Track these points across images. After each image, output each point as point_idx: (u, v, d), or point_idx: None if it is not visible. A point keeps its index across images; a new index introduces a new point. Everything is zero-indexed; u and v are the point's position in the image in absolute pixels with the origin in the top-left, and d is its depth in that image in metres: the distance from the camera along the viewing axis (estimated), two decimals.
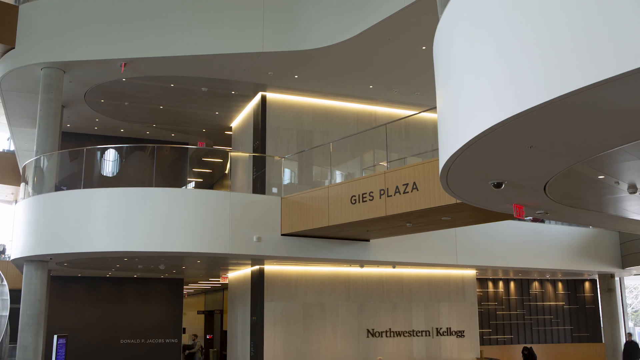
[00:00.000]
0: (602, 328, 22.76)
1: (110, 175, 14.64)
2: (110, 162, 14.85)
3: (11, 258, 14.50)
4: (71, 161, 15.01)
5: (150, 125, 19.68)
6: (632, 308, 36.19)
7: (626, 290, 25.71)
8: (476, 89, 5.43)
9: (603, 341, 21.99)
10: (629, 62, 3.68)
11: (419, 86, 16.37)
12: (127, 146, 15.74)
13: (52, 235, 13.25)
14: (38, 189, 14.14)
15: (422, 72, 14.96)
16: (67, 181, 14.25)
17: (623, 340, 22.58)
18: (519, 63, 4.75)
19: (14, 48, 14.59)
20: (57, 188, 14.01)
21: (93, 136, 19.98)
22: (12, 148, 22.97)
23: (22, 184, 15.08)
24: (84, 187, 13.92)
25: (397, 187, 11.34)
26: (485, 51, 5.26)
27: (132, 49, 14.26)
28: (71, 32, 14.55)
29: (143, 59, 14.34)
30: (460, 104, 5.86)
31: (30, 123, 17.75)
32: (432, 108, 8.58)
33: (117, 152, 14.85)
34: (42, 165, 14.26)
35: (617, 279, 22.90)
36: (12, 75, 14.92)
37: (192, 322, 35.47)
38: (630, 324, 25.75)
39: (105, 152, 14.83)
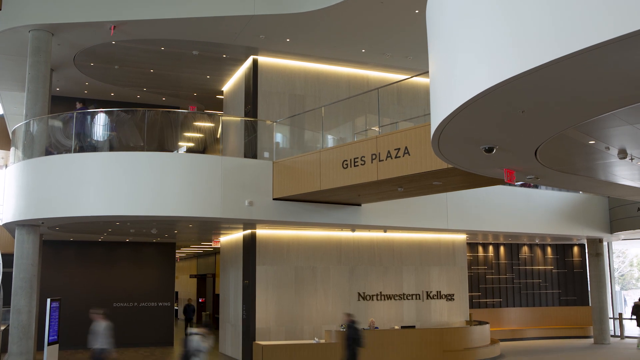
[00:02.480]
0: (589, 292, 23.11)
1: (100, 139, 14.54)
2: (101, 127, 14.72)
3: (3, 222, 14.49)
4: (61, 125, 14.89)
5: (141, 89, 19.52)
6: (619, 272, 36.69)
7: (613, 255, 26.04)
8: (469, 52, 5.41)
9: (590, 304, 22.35)
10: (627, 25, 3.67)
11: (412, 50, 16.26)
12: (117, 110, 15.61)
13: (43, 200, 13.23)
14: (28, 153, 14.06)
15: (415, 36, 14.84)
16: (58, 145, 14.17)
17: (609, 303, 23.00)
18: (512, 26, 4.73)
19: (0, 10, 14.35)
20: (47, 152, 13.94)
21: (84, 100, 19.79)
22: (1, 112, 22.73)
23: (12, 148, 14.98)
24: (75, 152, 13.86)
25: (388, 152, 11.36)
26: (479, 15, 5.23)
27: (121, 11, 14.05)
28: None
29: (133, 22, 14.15)
30: (452, 68, 5.84)
31: (19, 86, 17.58)
32: (425, 72, 8.55)
33: (107, 116, 14.72)
34: (32, 129, 14.16)
35: (605, 243, 23.18)
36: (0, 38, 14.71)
37: (185, 286, 35.77)
38: (617, 287, 26.14)
39: (96, 116, 14.70)
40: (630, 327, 22.87)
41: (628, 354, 19.00)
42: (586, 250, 22.99)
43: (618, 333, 23.01)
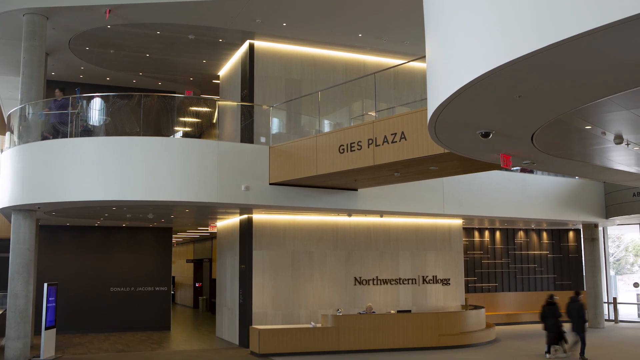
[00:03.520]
0: (584, 276, 23.23)
1: (96, 124, 14.49)
2: (97, 111, 14.67)
3: None
4: (57, 110, 14.82)
5: (137, 73, 19.43)
6: (614, 257, 36.87)
7: (609, 240, 26.15)
8: (466, 37, 5.39)
9: (585, 289, 22.47)
10: (626, 9, 3.66)
11: (409, 35, 16.19)
12: (113, 95, 15.55)
13: (39, 185, 13.21)
14: (24, 138, 14.01)
15: (412, 20, 14.77)
16: (53, 130, 14.12)
17: (604, 288, 23.10)
18: (510, 10, 4.71)
19: None
20: (43, 137, 13.89)
21: (78, 84, 19.71)
22: None
23: (8, 133, 14.93)
24: (71, 136, 13.82)
25: (385, 137, 11.35)
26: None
27: None
28: None
29: (128, 5, 14.04)
30: (449, 53, 5.82)
31: (14, 71, 17.47)
32: (422, 57, 8.51)
33: (103, 101, 14.66)
34: (27, 114, 14.09)
35: (600, 228, 23.28)
36: None
37: (182, 271, 35.86)
38: (612, 272, 26.25)
39: (91, 100, 14.64)
40: (625, 311, 23.02)
41: (622, 338, 19.13)
42: (582, 235, 23.08)
43: (612, 317, 23.17)
